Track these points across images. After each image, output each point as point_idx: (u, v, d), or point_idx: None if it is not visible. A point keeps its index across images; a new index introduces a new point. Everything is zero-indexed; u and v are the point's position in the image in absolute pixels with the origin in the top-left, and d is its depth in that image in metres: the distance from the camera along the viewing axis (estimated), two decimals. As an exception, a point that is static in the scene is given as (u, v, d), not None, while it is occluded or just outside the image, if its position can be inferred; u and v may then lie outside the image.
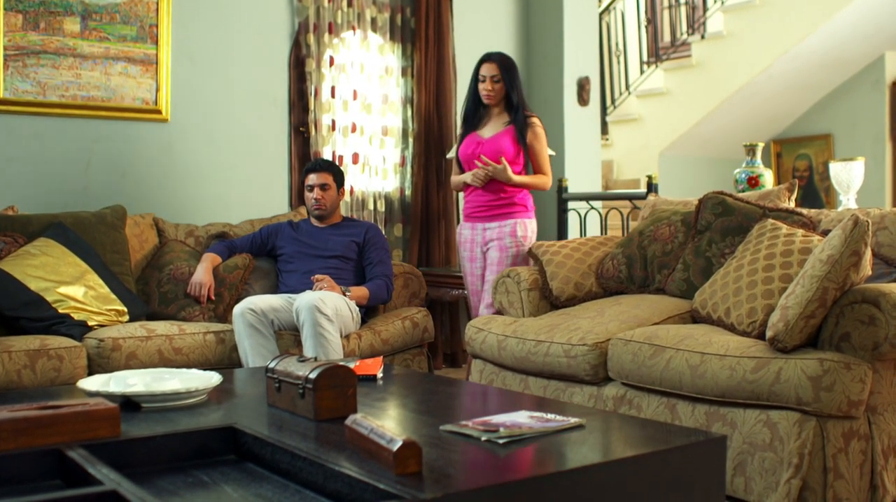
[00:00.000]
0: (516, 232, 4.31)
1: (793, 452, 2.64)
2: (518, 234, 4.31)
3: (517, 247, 4.31)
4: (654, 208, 4.18)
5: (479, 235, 4.40)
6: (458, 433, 2.08)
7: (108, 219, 4.12)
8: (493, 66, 4.33)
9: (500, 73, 4.32)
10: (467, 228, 4.46)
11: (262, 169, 5.11)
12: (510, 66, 4.36)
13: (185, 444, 2.12)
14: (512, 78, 4.34)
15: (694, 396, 2.96)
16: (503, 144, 4.31)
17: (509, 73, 4.34)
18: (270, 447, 2.03)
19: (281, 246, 4.35)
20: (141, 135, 4.70)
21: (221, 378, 2.59)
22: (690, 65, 7.69)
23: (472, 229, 4.43)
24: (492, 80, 4.32)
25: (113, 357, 3.55)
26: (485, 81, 4.34)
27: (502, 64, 4.33)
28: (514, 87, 4.34)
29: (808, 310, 2.73)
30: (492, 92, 4.34)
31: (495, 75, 4.33)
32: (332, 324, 3.70)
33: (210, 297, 4.06)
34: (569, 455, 1.95)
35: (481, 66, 4.36)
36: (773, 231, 3.37)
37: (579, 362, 3.32)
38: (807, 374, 2.67)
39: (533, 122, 4.39)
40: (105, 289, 3.83)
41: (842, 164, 4.09)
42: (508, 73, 4.34)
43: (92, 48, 4.52)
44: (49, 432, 1.97)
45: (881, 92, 7.60)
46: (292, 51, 5.18)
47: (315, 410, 2.25)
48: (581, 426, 2.14)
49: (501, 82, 4.34)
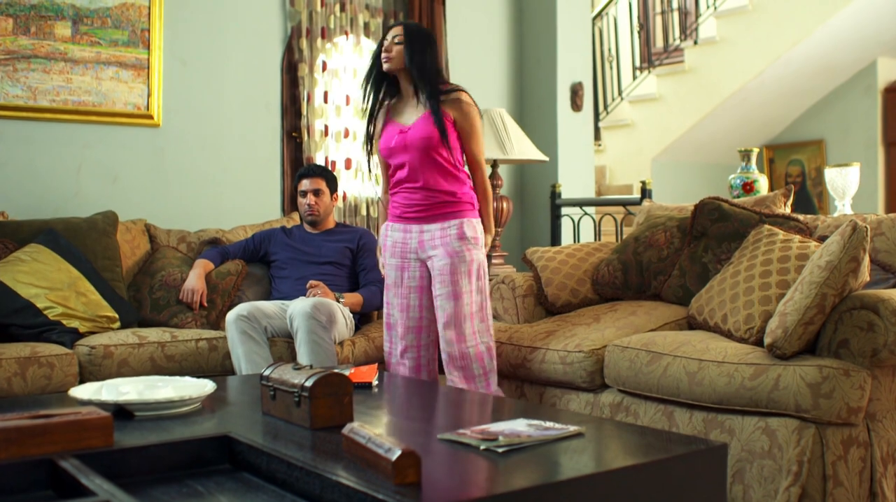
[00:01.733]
0: (464, 233, 3.42)
1: (792, 460, 2.63)
2: (468, 236, 3.42)
3: (469, 250, 3.42)
4: (649, 214, 4.16)
5: (414, 239, 3.50)
6: (456, 442, 2.06)
7: (99, 225, 4.09)
8: (399, 29, 3.51)
9: (404, 37, 3.48)
10: (398, 230, 3.55)
11: (255, 174, 5.07)
12: (420, 35, 3.51)
13: (179, 453, 2.08)
14: (416, 46, 3.46)
15: (692, 403, 2.94)
16: (430, 131, 3.42)
17: (414, 40, 3.47)
18: (266, 456, 2.00)
19: (274, 252, 4.32)
20: (132, 141, 4.67)
21: (215, 386, 2.56)
22: (683, 70, 7.69)
23: (405, 232, 3.53)
24: (393, 42, 3.49)
25: (104, 364, 3.51)
26: (387, 43, 3.52)
27: (408, 29, 3.51)
28: (414, 55, 3.45)
29: (806, 316, 2.72)
30: (391, 54, 3.49)
31: (397, 36, 3.49)
32: (327, 331, 3.66)
33: (202, 304, 4.03)
34: (568, 464, 1.93)
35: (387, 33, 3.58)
36: (769, 237, 3.36)
37: (576, 369, 3.30)
38: (806, 381, 2.65)
39: (457, 97, 3.49)
40: (96, 295, 3.79)
41: (837, 170, 4.08)
42: (412, 40, 3.47)
43: (83, 53, 4.48)
44: (40, 441, 1.94)
45: (873, 98, 7.62)
46: (285, 55, 5.15)
47: (311, 419, 2.22)
48: (580, 434, 2.12)
49: (401, 45, 3.48)
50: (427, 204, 3.47)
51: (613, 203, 6.01)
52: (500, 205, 5.25)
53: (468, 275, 3.41)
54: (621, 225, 5.61)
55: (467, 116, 3.48)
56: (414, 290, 3.53)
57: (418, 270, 3.52)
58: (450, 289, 3.40)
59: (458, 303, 3.39)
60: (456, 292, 3.39)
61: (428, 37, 3.55)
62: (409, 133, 3.47)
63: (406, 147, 3.46)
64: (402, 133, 3.49)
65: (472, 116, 3.50)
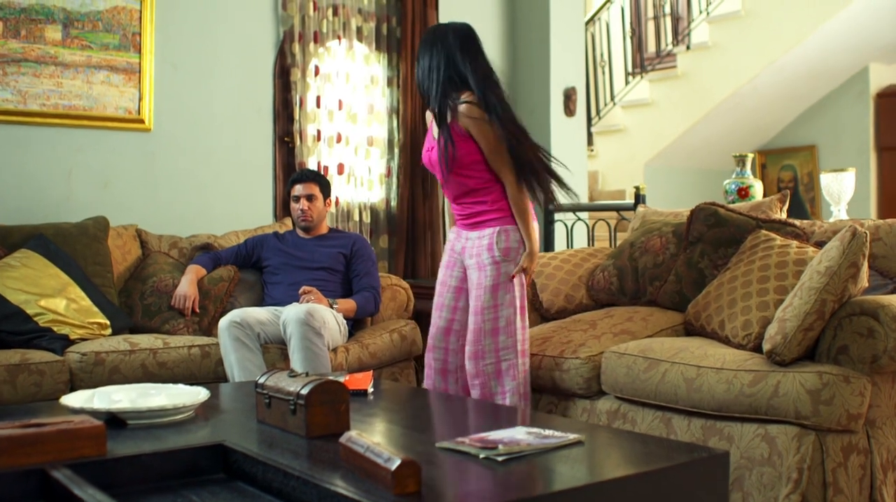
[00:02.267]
0: (493, 244, 3.26)
1: (792, 467, 2.60)
2: (498, 247, 3.25)
3: (496, 264, 3.26)
4: (644, 219, 4.15)
5: (460, 244, 3.44)
6: (455, 450, 2.03)
7: (90, 231, 4.04)
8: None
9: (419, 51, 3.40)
10: (453, 232, 3.52)
11: (247, 179, 5.04)
12: (422, 42, 3.40)
13: (173, 463, 2.05)
14: (419, 59, 3.36)
15: (690, 410, 2.91)
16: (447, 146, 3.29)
17: (419, 52, 3.38)
18: (262, 465, 1.97)
19: (266, 257, 4.28)
20: (123, 145, 4.63)
21: (209, 393, 2.53)
22: (676, 76, 7.69)
23: (457, 235, 3.47)
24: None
25: (96, 371, 3.47)
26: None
27: (422, 39, 3.42)
28: (417, 71, 3.35)
29: (806, 322, 2.70)
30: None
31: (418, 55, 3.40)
32: (321, 338, 3.63)
33: (194, 310, 3.99)
34: (569, 473, 1.90)
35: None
36: (766, 242, 3.34)
37: (572, 376, 3.28)
38: (805, 388, 2.63)
39: (457, 109, 3.24)
40: (87, 301, 3.75)
41: (833, 175, 4.07)
42: (418, 53, 3.38)
43: (74, 56, 4.45)
44: (32, 451, 1.90)
45: (865, 103, 7.63)
46: (277, 60, 5.12)
47: (307, 427, 2.19)
48: (580, 442, 2.09)
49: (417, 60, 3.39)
50: (464, 213, 3.40)
51: (607, 208, 5.99)
52: (494, 210, 5.22)
53: (492, 290, 3.26)
54: (615, 230, 5.59)
55: (472, 129, 3.24)
56: (451, 289, 3.45)
57: (461, 272, 3.44)
58: (474, 304, 3.30)
59: (478, 319, 3.27)
60: (477, 307, 3.28)
61: (427, 40, 3.38)
62: (432, 152, 3.37)
63: (432, 165, 3.40)
64: (428, 151, 3.41)
65: (477, 127, 3.24)
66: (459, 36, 3.37)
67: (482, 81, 3.30)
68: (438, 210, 5.65)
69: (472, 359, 3.28)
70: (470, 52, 3.35)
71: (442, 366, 3.44)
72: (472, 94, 3.27)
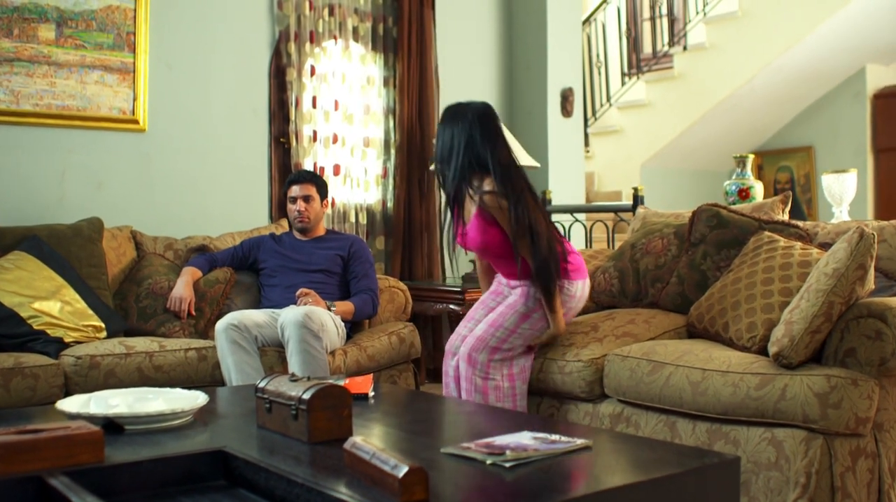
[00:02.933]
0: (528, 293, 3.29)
1: (800, 471, 2.57)
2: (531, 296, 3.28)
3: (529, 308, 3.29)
4: (644, 220, 4.11)
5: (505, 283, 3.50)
6: (461, 456, 1.98)
7: (84, 232, 3.99)
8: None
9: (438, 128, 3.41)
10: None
11: (242, 180, 4.99)
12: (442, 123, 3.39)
13: (173, 469, 2.00)
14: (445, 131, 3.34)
15: (695, 414, 2.87)
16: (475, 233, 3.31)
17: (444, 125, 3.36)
18: (265, 472, 1.92)
19: (263, 259, 4.23)
20: (118, 146, 4.57)
21: (207, 398, 2.48)
22: (672, 76, 7.66)
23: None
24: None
25: (91, 375, 3.41)
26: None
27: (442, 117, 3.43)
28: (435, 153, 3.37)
29: (813, 324, 2.66)
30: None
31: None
32: (319, 341, 3.58)
33: (190, 313, 3.94)
34: (579, 479, 1.86)
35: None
36: (770, 244, 3.30)
37: (574, 379, 3.23)
38: (813, 391, 2.59)
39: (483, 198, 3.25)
40: (82, 304, 3.69)
41: (834, 176, 4.04)
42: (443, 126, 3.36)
43: (67, 56, 4.39)
44: (28, 458, 1.85)
45: (862, 104, 7.61)
46: (273, 60, 5.08)
47: (309, 432, 2.14)
48: (588, 447, 2.05)
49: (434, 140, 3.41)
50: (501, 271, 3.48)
51: (605, 209, 5.96)
52: (492, 211, 5.18)
53: (521, 317, 3.28)
54: (613, 231, 5.56)
55: (497, 216, 3.25)
56: (485, 307, 3.49)
57: (503, 298, 3.45)
58: (494, 317, 3.32)
59: (489, 330, 3.29)
60: (497, 321, 3.29)
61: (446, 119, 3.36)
62: (466, 237, 3.37)
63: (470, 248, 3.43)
64: (461, 235, 3.40)
65: (501, 216, 3.23)
66: (479, 116, 3.33)
67: (504, 171, 3.27)
68: (435, 211, 5.61)
69: (465, 362, 3.29)
70: (490, 135, 3.32)
71: (456, 374, 3.42)
72: (492, 181, 3.24)
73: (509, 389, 3.30)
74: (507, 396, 3.29)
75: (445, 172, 3.33)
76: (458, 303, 4.91)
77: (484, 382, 3.27)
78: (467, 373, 3.29)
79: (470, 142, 3.28)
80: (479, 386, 3.26)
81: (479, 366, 3.27)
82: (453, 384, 3.41)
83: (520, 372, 3.34)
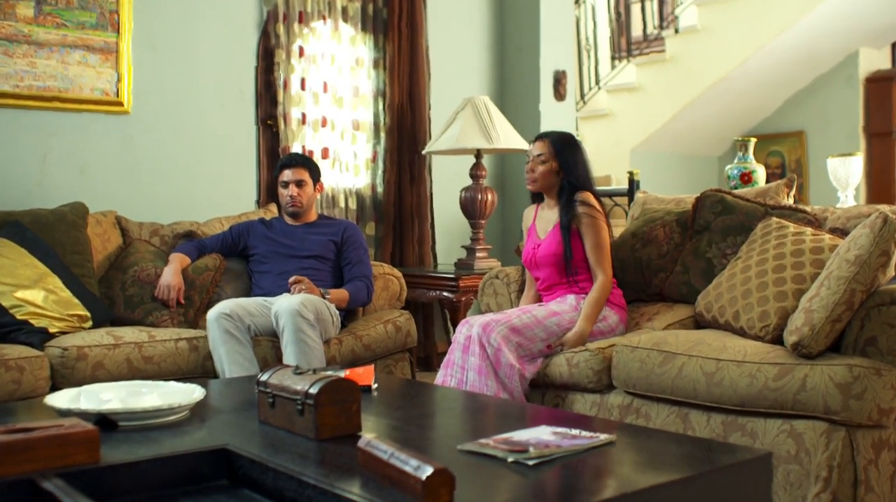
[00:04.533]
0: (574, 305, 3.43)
1: (821, 464, 2.48)
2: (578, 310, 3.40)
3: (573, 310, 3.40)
4: (644, 207, 4.00)
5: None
6: (479, 453, 1.88)
7: (68, 218, 3.83)
8: (542, 145, 3.57)
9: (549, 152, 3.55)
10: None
11: (229, 164, 4.85)
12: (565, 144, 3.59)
13: (173, 470, 1.89)
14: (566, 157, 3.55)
15: (709, 405, 2.78)
16: (553, 248, 3.49)
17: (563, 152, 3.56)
18: (272, 472, 1.81)
19: (254, 245, 4.09)
20: (100, 129, 4.41)
21: (204, 391, 2.36)
22: (664, 59, 7.54)
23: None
24: (537, 160, 3.56)
25: (78, 367, 3.27)
26: (529, 162, 3.61)
27: (554, 142, 3.57)
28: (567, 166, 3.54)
29: (835, 313, 2.57)
30: (534, 174, 3.57)
31: (542, 154, 3.55)
32: (315, 330, 3.46)
33: (179, 301, 3.80)
34: (609, 478, 1.76)
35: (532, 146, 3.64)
36: (779, 230, 3.21)
37: (581, 369, 3.13)
38: (835, 381, 2.50)
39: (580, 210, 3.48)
40: (66, 292, 3.54)
41: (840, 160, 3.95)
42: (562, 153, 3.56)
43: (48, 35, 4.22)
44: (20, 459, 1.73)
45: (855, 88, 7.54)
46: (260, 40, 4.93)
47: (316, 428, 2.02)
48: (611, 443, 1.95)
49: (548, 163, 3.55)
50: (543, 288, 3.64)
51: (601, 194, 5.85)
52: (485, 196, 5.08)
53: (551, 312, 3.35)
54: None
55: (584, 221, 3.48)
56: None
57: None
58: (532, 309, 3.39)
59: (524, 317, 3.30)
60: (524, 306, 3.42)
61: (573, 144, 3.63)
62: (540, 248, 3.55)
63: (535, 264, 3.58)
64: (536, 247, 3.58)
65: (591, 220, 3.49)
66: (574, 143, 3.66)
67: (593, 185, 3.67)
68: (426, 196, 5.49)
69: (482, 328, 3.23)
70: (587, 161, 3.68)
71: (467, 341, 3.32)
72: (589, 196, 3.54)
73: (519, 374, 3.19)
74: (515, 381, 3.18)
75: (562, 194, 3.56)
76: (451, 291, 4.80)
77: (498, 353, 3.17)
78: (482, 338, 3.19)
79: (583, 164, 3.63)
80: (491, 354, 3.17)
81: (494, 335, 3.18)
82: (458, 352, 3.26)
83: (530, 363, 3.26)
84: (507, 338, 3.18)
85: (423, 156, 5.40)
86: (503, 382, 3.14)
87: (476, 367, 3.17)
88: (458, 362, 3.26)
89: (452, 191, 5.42)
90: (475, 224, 5.12)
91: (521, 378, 3.19)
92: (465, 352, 3.24)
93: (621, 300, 3.52)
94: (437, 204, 5.63)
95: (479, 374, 3.15)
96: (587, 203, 3.47)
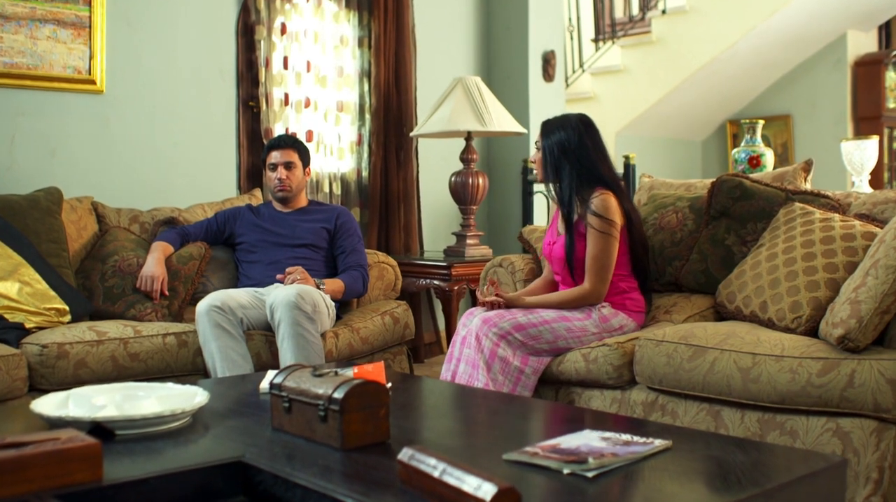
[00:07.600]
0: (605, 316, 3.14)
1: (871, 465, 2.32)
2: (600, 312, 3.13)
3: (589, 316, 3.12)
4: (652, 193, 3.82)
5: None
6: (529, 463, 1.68)
7: (41, 204, 3.56)
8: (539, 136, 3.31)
9: (540, 140, 3.28)
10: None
11: (208, 147, 4.59)
12: (549, 128, 3.27)
13: (184, 486, 1.69)
14: (552, 144, 3.21)
15: (743, 402, 2.60)
16: (564, 252, 3.23)
17: (549, 137, 3.24)
18: (300, 489, 1.61)
19: (241, 233, 3.85)
20: (73, 109, 4.14)
21: (207, 395, 2.13)
22: (650, 41, 7.36)
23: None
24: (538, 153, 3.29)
25: (59, 366, 3.01)
26: (533, 152, 3.38)
27: (543, 128, 3.30)
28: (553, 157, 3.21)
29: (883, 304, 2.41)
30: (537, 164, 3.32)
31: (537, 141, 3.30)
32: (313, 323, 3.23)
33: (163, 292, 3.55)
34: (683, 492, 1.57)
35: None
36: (804, 216, 3.05)
37: (601, 365, 2.93)
38: (885, 377, 2.34)
39: (590, 220, 3.14)
40: (43, 284, 3.28)
41: (855, 143, 3.81)
42: (547, 138, 3.24)
43: (15, 8, 3.95)
44: (13, 479, 1.52)
45: (842, 72, 7.42)
46: (240, 16, 4.67)
47: (342, 437, 1.81)
48: (668, 449, 1.77)
49: (539, 151, 3.27)
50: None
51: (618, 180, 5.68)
52: (476, 181, 4.87)
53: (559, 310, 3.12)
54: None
55: (592, 222, 3.13)
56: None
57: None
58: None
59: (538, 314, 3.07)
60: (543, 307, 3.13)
61: (550, 130, 3.24)
62: (557, 244, 3.28)
63: (552, 258, 3.30)
64: (553, 243, 3.31)
65: (598, 224, 3.12)
66: (586, 125, 3.31)
67: (618, 185, 3.27)
68: (413, 180, 5.28)
69: (483, 321, 3.01)
70: (600, 145, 3.33)
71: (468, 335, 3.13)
72: (606, 193, 3.18)
73: (516, 370, 2.98)
74: (509, 377, 2.98)
75: (560, 185, 3.22)
76: (443, 279, 4.59)
77: (494, 347, 2.96)
78: (479, 331, 2.98)
79: (582, 149, 3.21)
80: (488, 348, 2.94)
81: (495, 330, 2.97)
82: (458, 345, 3.06)
83: (536, 362, 3.04)
84: (507, 333, 2.98)
85: (409, 139, 5.18)
86: (496, 378, 2.93)
87: (468, 359, 2.98)
88: (456, 355, 3.07)
89: (439, 175, 5.20)
90: (466, 210, 4.92)
91: (521, 373, 2.99)
92: (463, 343, 3.06)
93: (641, 306, 3.25)
94: (423, 189, 5.42)
95: (470, 365, 2.96)
96: (599, 215, 3.12)
